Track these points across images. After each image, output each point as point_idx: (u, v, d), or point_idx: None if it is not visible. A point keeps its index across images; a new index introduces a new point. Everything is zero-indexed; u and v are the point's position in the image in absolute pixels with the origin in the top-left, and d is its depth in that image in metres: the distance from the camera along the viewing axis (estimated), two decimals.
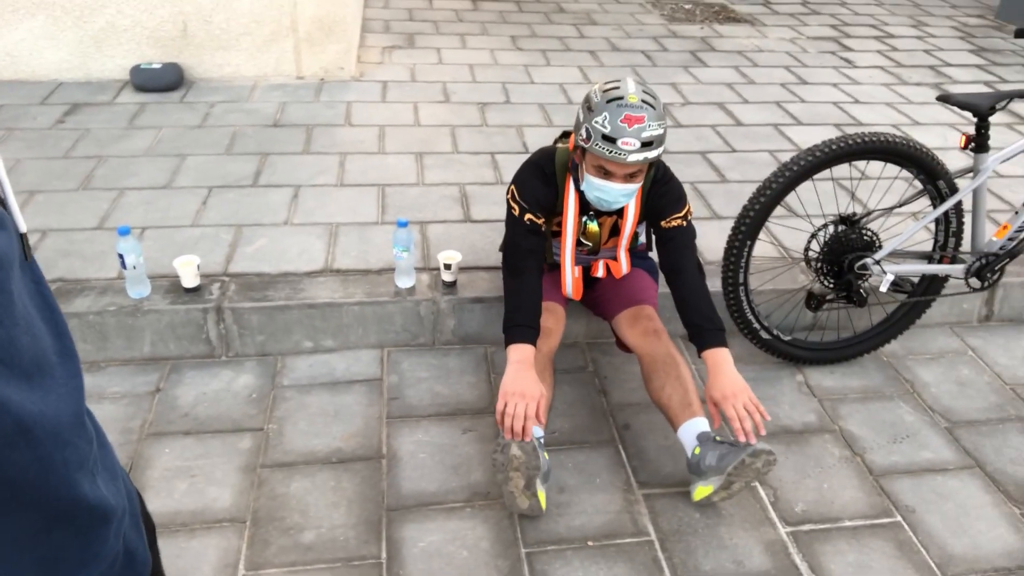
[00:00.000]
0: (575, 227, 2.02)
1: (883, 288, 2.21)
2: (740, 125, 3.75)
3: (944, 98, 2.19)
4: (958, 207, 2.25)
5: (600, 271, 2.15)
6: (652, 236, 2.14)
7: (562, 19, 5.27)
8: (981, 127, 2.15)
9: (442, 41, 4.70)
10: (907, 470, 2.04)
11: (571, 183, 1.98)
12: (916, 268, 2.34)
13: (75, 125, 3.41)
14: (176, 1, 3.76)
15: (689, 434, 1.87)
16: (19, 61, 3.80)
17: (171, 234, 2.63)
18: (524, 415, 1.75)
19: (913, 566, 1.78)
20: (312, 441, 2.06)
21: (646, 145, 1.76)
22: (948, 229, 2.30)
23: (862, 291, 2.25)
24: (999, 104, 2.12)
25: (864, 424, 2.20)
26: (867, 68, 4.61)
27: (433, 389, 2.26)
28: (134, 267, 2.24)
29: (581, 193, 1.97)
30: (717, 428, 1.89)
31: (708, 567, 1.75)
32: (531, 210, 1.98)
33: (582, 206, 2.01)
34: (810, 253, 2.25)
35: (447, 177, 3.11)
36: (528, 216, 1.98)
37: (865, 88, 4.30)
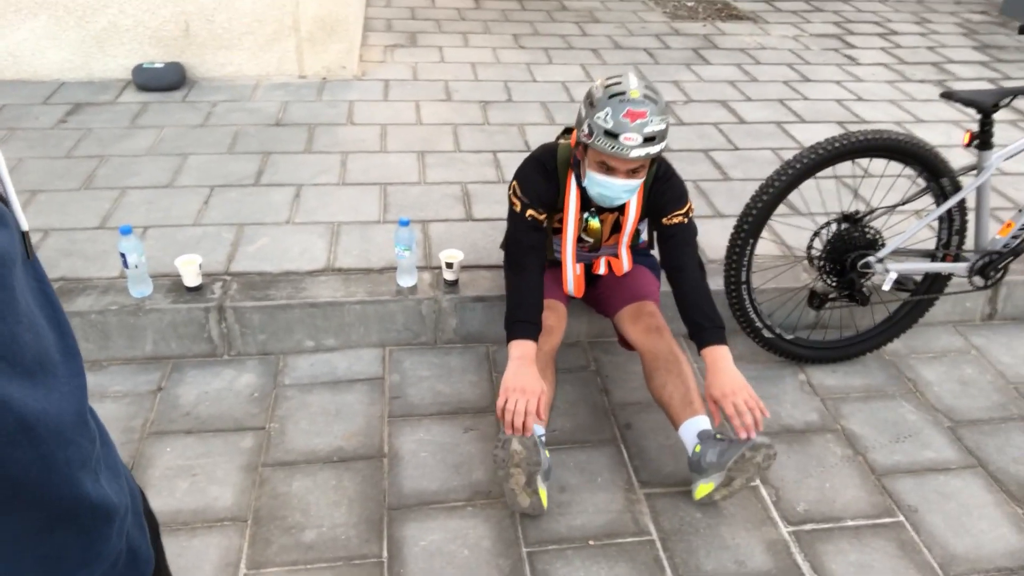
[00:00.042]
0: (576, 223, 2.01)
1: (886, 286, 2.20)
2: (743, 123, 3.74)
3: (948, 95, 2.18)
4: (961, 205, 2.24)
5: (602, 268, 2.14)
6: (653, 233, 2.14)
7: (564, 17, 5.26)
8: (985, 124, 2.14)
9: (444, 40, 4.70)
10: (909, 469, 2.04)
11: (572, 179, 1.98)
12: (919, 266, 2.33)
13: (77, 125, 3.41)
14: (178, 1, 3.76)
15: (690, 432, 1.86)
16: (21, 61, 3.81)
17: (173, 233, 2.64)
18: (525, 411, 1.75)
19: (915, 566, 1.77)
20: (314, 440, 2.06)
21: (648, 140, 1.76)
22: (951, 227, 2.29)
23: (865, 289, 2.25)
24: (1003, 101, 2.11)
25: (866, 423, 2.19)
26: (870, 65, 4.59)
27: (435, 388, 2.26)
28: (136, 266, 2.24)
29: (583, 189, 1.97)
30: (718, 426, 1.89)
31: (710, 567, 1.75)
32: (532, 206, 1.97)
33: (583, 203, 2.01)
34: (813, 251, 2.25)
35: (449, 176, 3.11)
36: (530, 212, 1.97)
37: (868, 85, 4.28)
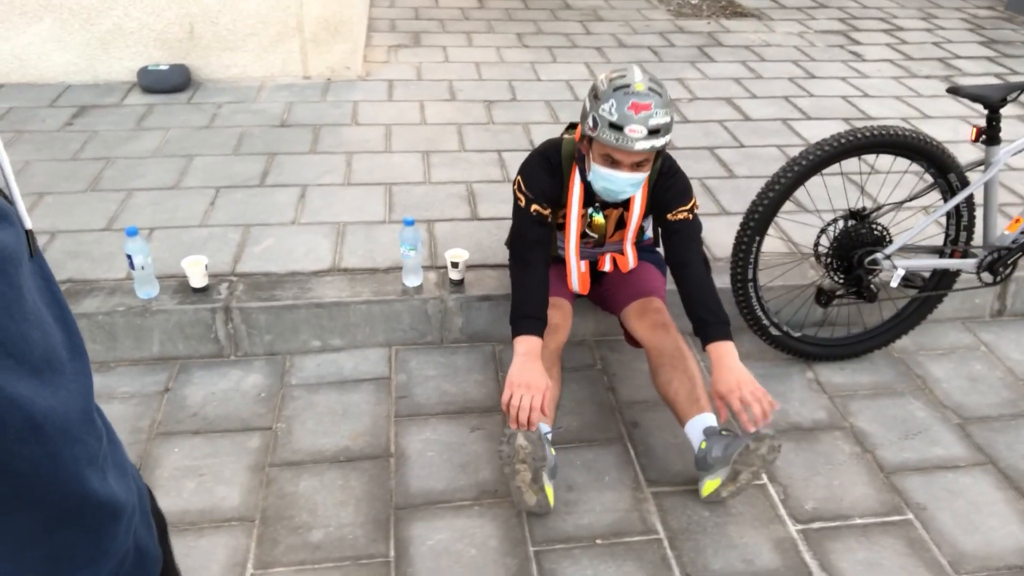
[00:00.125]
0: (579, 218, 2.01)
1: (894, 283, 2.19)
2: (748, 120, 3.73)
3: (954, 90, 2.17)
4: (969, 201, 2.23)
5: (607, 265, 2.14)
6: (658, 230, 2.13)
7: (568, 16, 5.25)
8: (992, 119, 2.13)
9: (448, 39, 4.70)
10: (918, 467, 2.03)
11: (576, 174, 1.98)
12: (927, 263, 2.32)
13: (83, 127, 3.43)
14: (183, 3, 3.77)
15: (696, 429, 1.86)
16: (27, 64, 3.82)
17: (179, 234, 2.64)
18: (530, 406, 1.74)
19: (924, 564, 1.76)
20: (320, 440, 2.06)
21: (653, 133, 1.75)
22: (959, 223, 2.28)
23: (872, 286, 2.23)
24: (1010, 96, 2.10)
25: (875, 420, 2.18)
26: (876, 62, 4.57)
27: (441, 387, 2.26)
28: (142, 267, 2.25)
29: (587, 184, 1.96)
30: (724, 422, 1.88)
31: (717, 565, 1.75)
32: (537, 201, 1.97)
33: (588, 198, 2.00)
34: (820, 248, 2.24)
35: (454, 175, 3.11)
36: (534, 207, 1.97)
37: (874, 82, 4.26)
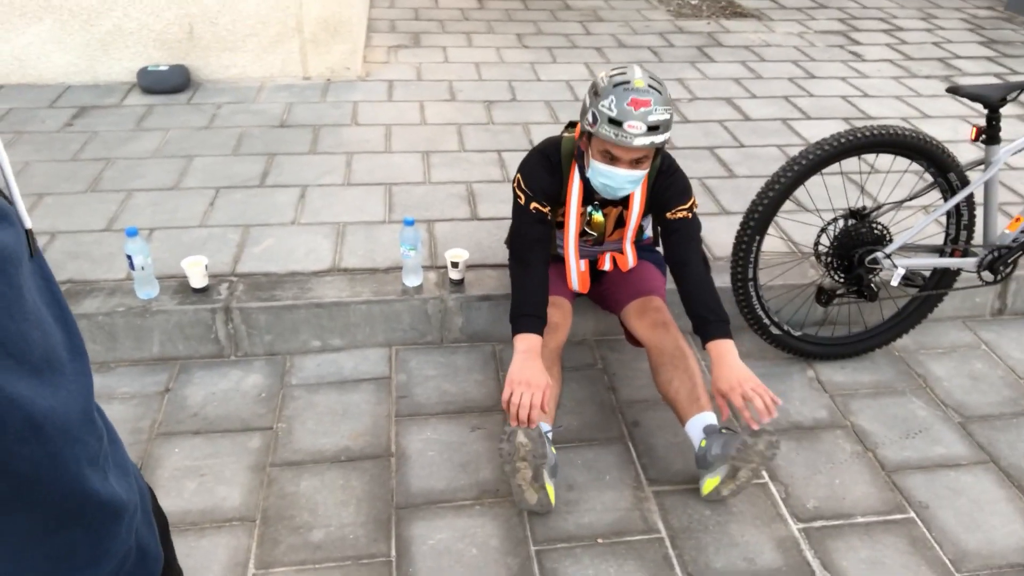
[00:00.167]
0: (578, 215, 2.01)
1: (894, 282, 2.19)
2: (748, 120, 3.73)
3: (954, 90, 2.17)
4: (969, 200, 2.23)
5: (607, 264, 2.13)
6: (658, 229, 2.13)
7: (568, 16, 5.26)
8: (992, 119, 2.13)
9: (448, 40, 4.70)
10: (920, 465, 2.03)
11: (576, 172, 1.98)
12: (927, 262, 2.32)
13: (83, 128, 3.43)
14: (182, 3, 3.77)
15: (696, 428, 1.86)
16: (27, 65, 3.82)
17: (179, 235, 2.64)
18: (530, 404, 1.74)
19: (926, 562, 1.76)
20: (321, 440, 2.06)
21: (652, 129, 1.75)
22: (959, 222, 2.28)
23: (873, 285, 2.23)
24: (1010, 95, 2.10)
25: (876, 419, 2.18)
26: (876, 61, 4.57)
27: (441, 387, 2.26)
28: (142, 268, 2.25)
29: (586, 182, 1.96)
30: (726, 420, 1.88)
31: (719, 564, 1.74)
32: (536, 199, 1.97)
33: (588, 196, 2.00)
34: (820, 248, 2.24)
35: (454, 175, 3.11)
36: (534, 205, 1.97)
37: (874, 82, 4.27)
